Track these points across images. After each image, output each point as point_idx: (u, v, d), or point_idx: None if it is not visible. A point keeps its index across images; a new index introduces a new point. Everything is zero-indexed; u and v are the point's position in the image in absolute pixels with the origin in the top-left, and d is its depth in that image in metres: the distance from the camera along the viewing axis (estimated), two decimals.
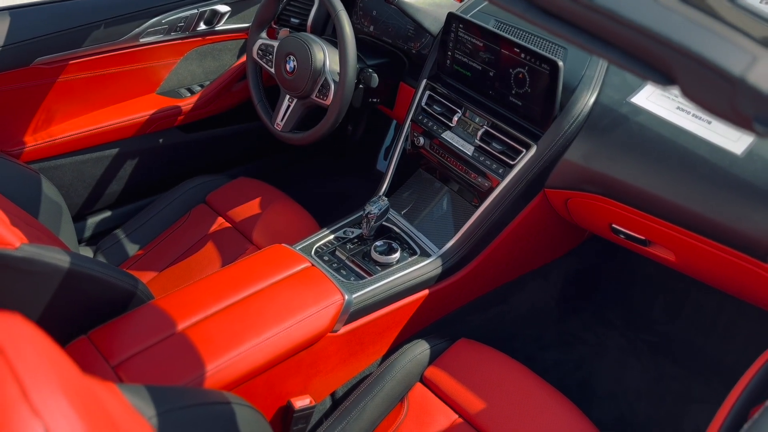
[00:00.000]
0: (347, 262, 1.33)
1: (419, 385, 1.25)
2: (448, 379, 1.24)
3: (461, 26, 1.39)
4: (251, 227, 1.57)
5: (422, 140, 1.49)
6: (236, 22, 1.81)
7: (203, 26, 1.73)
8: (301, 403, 1.18)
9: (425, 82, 1.52)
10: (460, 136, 1.43)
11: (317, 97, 1.49)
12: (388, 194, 1.53)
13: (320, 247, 1.36)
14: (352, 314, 1.22)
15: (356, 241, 1.39)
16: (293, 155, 2.27)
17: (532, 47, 1.26)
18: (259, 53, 1.60)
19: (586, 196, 1.28)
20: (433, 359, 1.29)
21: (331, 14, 1.43)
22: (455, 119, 1.44)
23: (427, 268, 1.34)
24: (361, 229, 1.40)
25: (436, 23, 1.52)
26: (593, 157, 1.24)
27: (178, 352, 1.05)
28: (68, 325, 1.08)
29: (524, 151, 1.32)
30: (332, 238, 1.39)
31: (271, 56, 1.57)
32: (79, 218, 1.73)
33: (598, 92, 1.27)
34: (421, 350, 1.29)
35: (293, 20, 1.82)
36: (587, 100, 1.26)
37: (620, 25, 0.47)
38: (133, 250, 1.59)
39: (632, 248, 1.39)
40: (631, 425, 1.51)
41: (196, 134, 1.88)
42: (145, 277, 1.49)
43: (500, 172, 1.35)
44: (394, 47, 1.69)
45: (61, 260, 1.00)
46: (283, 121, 1.58)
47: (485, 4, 1.49)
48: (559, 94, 1.25)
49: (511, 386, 1.22)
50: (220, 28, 1.78)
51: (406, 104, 1.64)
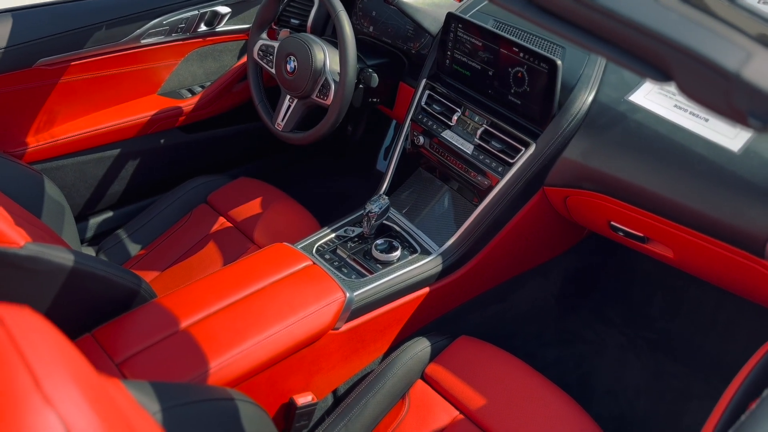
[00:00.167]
0: (348, 260, 1.34)
1: (420, 382, 1.26)
2: (449, 375, 1.25)
3: (460, 26, 1.40)
4: (252, 227, 1.58)
5: (422, 139, 1.50)
6: (237, 23, 1.82)
7: (204, 27, 1.74)
8: (303, 400, 1.19)
9: (425, 81, 1.53)
10: (459, 135, 1.44)
11: (318, 97, 1.50)
12: (388, 193, 1.54)
13: (321, 245, 1.37)
14: (353, 312, 1.23)
15: (357, 239, 1.40)
16: (293, 155, 2.28)
17: (530, 46, 1.27)
18: (259, 54, 1.61)
19: (584, 193, 1.29)
20: (434, 356, 1.30)
21: (331, 15, 1.43)
22: (455, 118, 1.45)
23: (427, 266, 1.35)
24: (361, 227, 1.41)
25: (435, 23, 1.53)
26: (592, 154, 1.25)
27: (181, 349, 1.06)
28: (72, 323, 1.09)
29: (523, 149, 1.33)
30: (333, 236, 1.40)
31: (271, 57, 1.58)
32: (81, 218, 1.74)
33: (596, 91, 1.28)
34: (422, 347, 1.30)
35: (293, 21, 1.83)
36: (585, 98, 1.27)
37: (618, 23, 0.48)
38: (135, 249, 1.60)
39: (631, 245, 1.40)
40: (630, 422, 1.52)
41: (197, 135, 1.89)
42: (147, 276, 1.49)
43: (499, 170, 1.36)
44: (393, 47, 1.70)
45: (65, 259, 1.01)
46: (283, 121, 1.59)
47: (484, 4, 1.50)
48: (557, 92, 1.26)
49: (511, 382, 1.22)
50: (220, 29, 1.79)
51: (405, 104, 1.64)
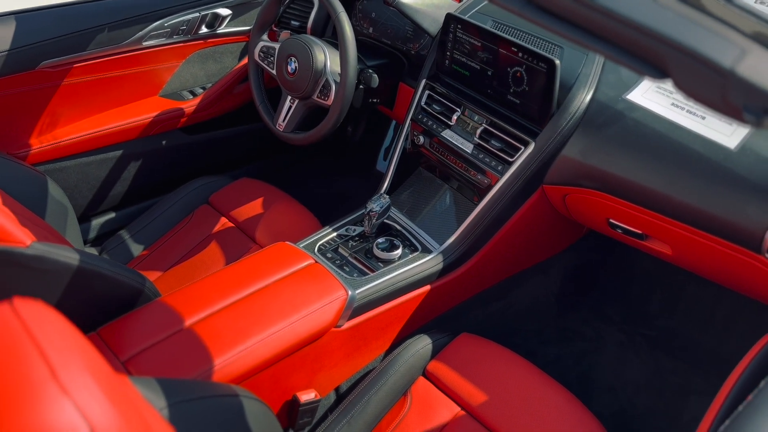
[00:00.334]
0: (350, 258, 1.35)
1: (422, 378, 1.27)
2: (450, 372, 1.26)
3: (459, 27, 1.41)
4: (254, 227, 1.59)
5: (422, 139, 1.52)
6: (237, 25, 1.83)
7: (205, 29, 1.75)
8: (306, 397, 1.20)
9: (424, 81, 1.54)
10: (459, 134, 1.45)
11: (318, 97, 1.51)
12: (389, 192, 1.55)
13: (323, 244, 1.38)
14: (355, 310, 1.24)
15: (358, 238, 1.41)
16: (294, 156, 2.29)
17: (529, 46, 1.29)
18: (260, 55, 1.62)
19: (583, 191, 1.30)
20: (435, 353, 1.31)
21: (331, 16, 1.45)
22: (454, 118, 1.46)
23: (428, 264, 1.36)
24: (362, 226, 1.42)
25: (434, 24, 1.55)
26: (590, 153, 1.26)
27: (185, 347, 1.07)
28: (78, 322, 1.08)
29: (522, 148, 1.34)
30: (335, 235, 1.41)
31: (272, 58, 1.59)
32: (83, 219, 1.75)
33: (594, 90, 1.29)
34: (423, 345, 1.31)
35: (293, 23, 1.84)
36: (584, 97, 1.29)
37: (616, 22, 0.49)
38: (137, 250, 1.61)
39: (630, 243, 1.41)
40: (630, 418, 1.53)
41: (198, 136, 1.90)
42: (150, 276, 1.50)
43: (499, 169, 1.37)
44: (393, 48, 1.71)
45: (71, 258, 1.02)
46: (284, 121, 1.60)
47: (483, 5, 1.52)
48: (556, 92, 1.28)
49: (512, 379, 1.23)
50: (221, 31, 1.80)
51: (405, 104, 1.66)
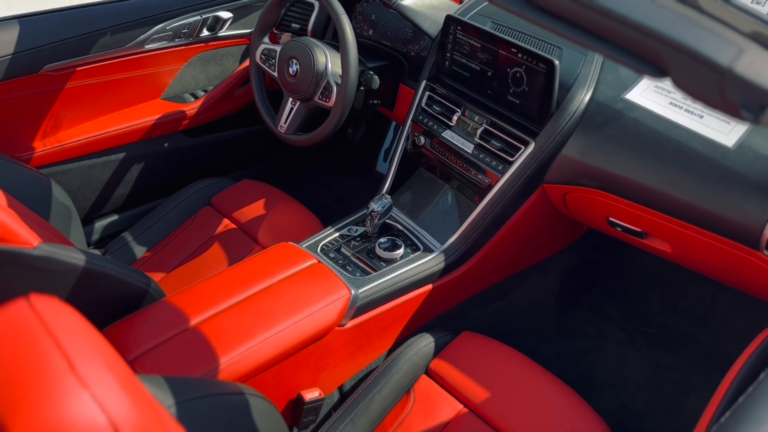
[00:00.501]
0: (352, 258, 1.36)
1: (425, 377, 1.28)
2: (452, 370, 1.27)
3: (459, 28, 1.43)
4: (257, 228, 1.60)
5: (423, 139, 1.53)
6: (238, 28, 1.84)
7: (206, 32, 1.77)
8: (310, 395, 1.21)
9: (425, 83, 1.55)
10: (459, 134, 1.46)
11: (320, 99, 1.52)
12: (390, 193, 1.56)
13: (326, 244, 1.39)
14: (358, 309, 1.25)
15: (360, 238, 1.42)
16: (295, 157, 2.30)
17: (529, 47, 1.30)
18: (262, 58, 1.63)
19: (583, 190, 1.31)
20: (437, 352, 1.32)
21: (332, 18, 1.46)
22: (455, 118, 1.48)
23: (430, 263, 1.37)
24: (364, 226, 1.44)
25: (434, 26, 1.56)
26: (590, 152, 1.28)
27: (191, 346, 1.08)
28: None
29: (523, 147, 1.35)
30: (337, 236, 1.42)
31: (273, 60, 1.60)
32: (86, 222, 1.76)
33: (593, 90, 1.30)
34: (425, 343, 1.32)
35: (294, 25, 1.86)
36: (583, 97, 1.30)
37: (616, 22, 0.51)
38: (140, 252, 1.62)
39: (629, 241, 1.42)
40: (631, 414, 1.54)
41: (200, 138, 1.92)
42: (154, 277, 1.50)
43: (500, 168, 1.38)
44: (393, 50, 1.72)
45: (77, 259, 1.03)
46: (286, 123, 1.61)
47: (482, 6, 1.53)
48: (555, 92, 1.29)
49: (514, 376, 1.25)
50: (222, 34, 1.81)
51: (405, 105, 1.67)
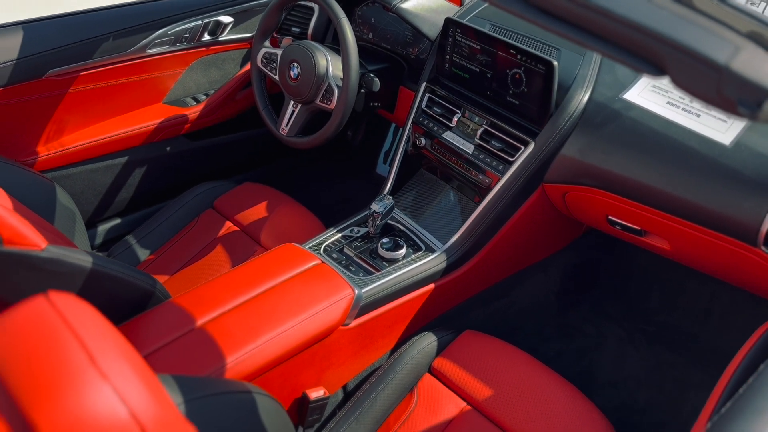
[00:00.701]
0: (355, 258, 1.38)
1: (428, 375, 1.29)
2: (455, 368, 1.28)
3: (458, 31, 1.45)
4: (259, 230, 1.61)
5: (423, 141, 1.55)
6: (239, 32, 1.86)
7: (207, 37, 1.78)
8: (315, 394, 1.22)
9: (425, 85, 1.57)
10: (460, 135, 1.48)
11: (321, 101, 1.54)
12: (391, 194, 1.58)
13: (328, 245, 1.40)
14: (362, 308, 1.27)
15: (363, 239, 1.43)
16: (296, 160, 2.32)
17: (527, 49, 1.32)
18: (263, 61, 1.65)
19: (583, 189, 1.33)
20: (440, 350, 1.33)
21: (333, 22, 1.48)
22: (455, 120, 1.49)
23: (432, 263, 1.39)
24: (366, 227, 1.45)
25: (433, 28, 1.58)
26: (589, 151, 1.29)
27: (198, 345, 1.09)
28: None
29: (522, 148, 1.37)
30: (339, 236, 1.43)
31: (274, 64, 1.62)
32: (90, 225, 1.77)
33: (591, 90, 1.32)
34: (428, 342, 1.33)
35: (294, 29, 1.87)
36: (581, 97, 1.32)
37: (616, 23, 0.52)
38: (144, 255, 1.63)
39: (628, 239, 1.44)
40: (632, 411, 1.56)
41: (202, 142, 1.93)
42: (158, 280, 1.52)
43: (500, 168, 1.40)
44: (392, 53, 1.74)
45: (84, 261, 1.04)
46: (288, 126, 1.62)
47: (481, 9, 1.55)
48: (554, 92, 1.31)
49: (517, 374, 1.26)
50: (223, 38, 1.83)
51: (406, 107, 1.69)
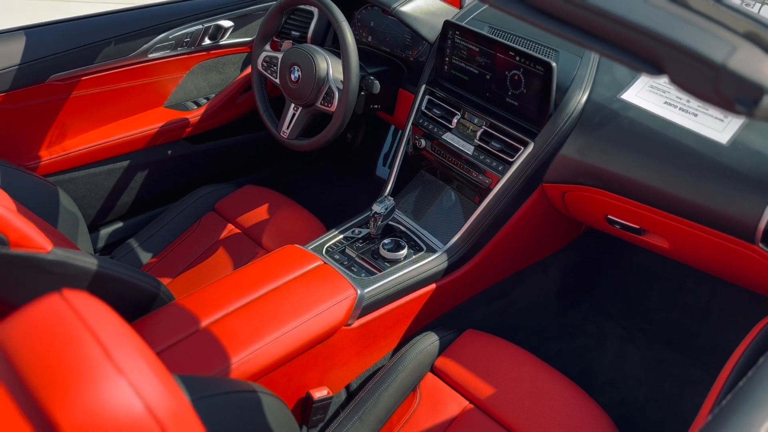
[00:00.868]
0: (357, 259, 1.39)
1: (430, 374, 1.30)
2: (458, 368, 1.29)
3: (457, 33, 1.46)
4: (261, 232, 1.62)
5: (423, 142, 1.56)
6: (239, 36, 1.87)
7: (208, 41, 1.79)
8: (319, 394, 1.23)
9: (424, 87, 1.58)
10: (459, 136, 1.49)
11: (322, 104, 1.55)
12: (392, 195, 1.59)
13: (330, 246, 1.41)
14: (364, 308, 1.28)
15: (364, 240, 1.45)
16: (296, 163, 2.33)
17: (526, 50, 1.33)
18: (264, 65, 1.66)
19: (582, 188, 1.34)
20: (442, 350, 1.34)
21: (333, 25, 1.49)
22: (455, 121, 1.51)
23: (433, 263, 1.40)
24: (368, 228, 1.46)
25: (432, 31, 1.59)
26: (588, 151, 1.31)
27: (204, 346, 1.10)
28: None
29: (522, 148, 1.38)
30: (341, 237, 1.45)
31: (275, 67, 1.63)
32: (92, 229, 1.78)
33: (589, 91, 1.34)
34: (430, 341, 1.34)
35: (294, 33, 1.89)
36: (580, 98, 1.33)
37: (616, 23, 0.54)
38: (146, 258, 1.64)
39: (627, 238, 1.45)
40: (633, 409, 1.57)
41: (203, 145, 1.94)
42: None
43: (500, 169, 1.41)
44: (392, 55, 1.76)
45: (89, 263, 1.05)
46: (289, 128, 1.64)
47: (479, 11, 1.57)
48: (553, 93, 1.32)
49: (519, 372, 1.27)
50: (223, 42, 1.84)
51: (405, 110, 1.70)
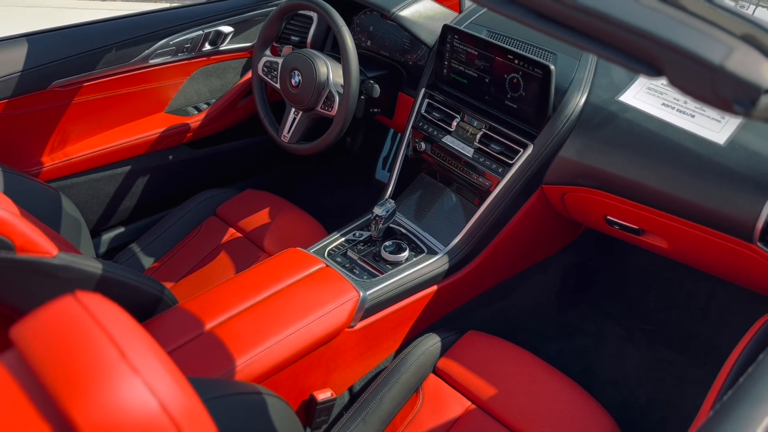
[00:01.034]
0: (359, 261, 1.40)
1: (432, 375, 1.31)
2: (460, 368, 1.30)
3: (456, 37, 1.47)
4: (262, 236, 1.63)
5: (423, 145, 1.57)
6: (239, 41, 1.88)
7: (208, 46, 1.80)
8: (323, 395, 1.24)
9: (424, 90, 1.60)
10: (459, 139, 1.51)
11: (322, 108, 1.56)
12: (393, 198, 1.60)
13: (332, 249, 1.42)
14: (367, 310, 1.29)
15: (365, 242, 1.46)
16: (296, 167, 2.34)
17: (525, 53, 1.35)
18: (264, 70, 1.67)
19: (581, 190, 1.36)
20: (444, 351, 1.35)
21: (333, 30, 1.50)
22: (454, 124, 1.52)
23: (434, 265, 1.41)
24: (369, 231, 1.47)
25: (431, 35, 1.61)
26: (586, 153, 1.32)
27: (208, 349, 1.11)
28: None
29: (521, 150, 1.40)
30: (343, 240, 1.45)
31: (275, 72, 1.64)
32: (94, 234, 1.78)
33: (588, 93, 1.35)
34: (432, 343, 1.35)
35: (294, 38, 1.90)
36: (578, 100, 1.35)
37: (615, 26, 0.55)
38: (148, 262, 1.64)
39: (627, 238, 1.46)
40: (633, 408, 1.58)
41: (203, 150, 1.95)
42: None
43: (500, 171, 1.43)
44: (391, 60, 1.77)
45: (94, 267, 1.06)
46: (289, 133, 1.65)
47: (478, 15, 1.58)
48: (551, 96, 1.34)
49: (521, 373, 1.28)
50: (224, 47, 1.85)
51: (405, 113, 1.71)
